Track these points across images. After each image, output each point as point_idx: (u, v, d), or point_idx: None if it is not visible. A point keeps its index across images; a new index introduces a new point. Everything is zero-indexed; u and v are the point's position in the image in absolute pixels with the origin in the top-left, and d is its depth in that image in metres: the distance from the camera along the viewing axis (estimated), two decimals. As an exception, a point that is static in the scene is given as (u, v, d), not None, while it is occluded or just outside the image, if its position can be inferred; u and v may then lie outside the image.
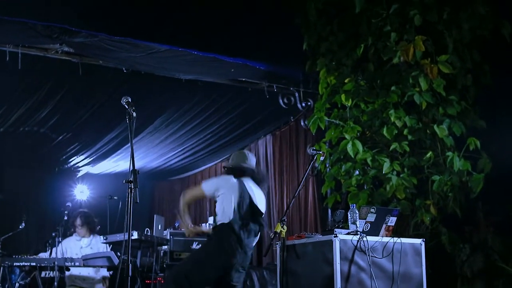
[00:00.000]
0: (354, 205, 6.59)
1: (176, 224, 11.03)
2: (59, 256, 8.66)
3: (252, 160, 7.16)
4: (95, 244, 9.49)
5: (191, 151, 12.19)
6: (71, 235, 9.53)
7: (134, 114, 5.49)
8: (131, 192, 5.31)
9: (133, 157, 5.45)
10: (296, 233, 7.28)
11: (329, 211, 9.51)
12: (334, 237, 6.19)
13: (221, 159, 13.13)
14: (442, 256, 8.12)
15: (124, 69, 8.54)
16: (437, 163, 8.10)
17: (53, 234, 8.69)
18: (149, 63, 8.57)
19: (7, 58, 7.68)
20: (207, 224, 10.11)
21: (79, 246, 9.49)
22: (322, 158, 7.91)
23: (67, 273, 8.86)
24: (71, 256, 8.95)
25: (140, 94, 9.12)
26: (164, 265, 9.71)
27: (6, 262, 8.40)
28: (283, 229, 6.12)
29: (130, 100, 5.53)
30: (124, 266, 5.36)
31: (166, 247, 9.96)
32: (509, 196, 8.01)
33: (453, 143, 7.96)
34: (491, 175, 7.89)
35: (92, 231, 9.58)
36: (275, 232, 6.20)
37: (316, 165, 8.53)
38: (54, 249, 8.70)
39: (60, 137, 11.36)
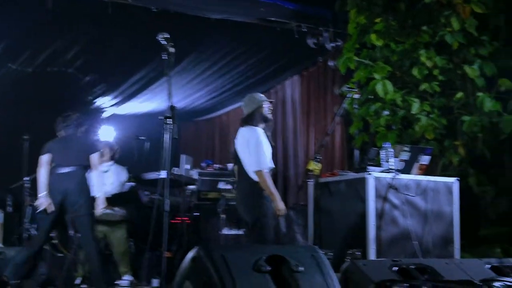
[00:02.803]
0: (389, 143, 6.61)
1: (203, 164, 11.07)
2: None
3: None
4: (115, 171, 9.35)
5: (218, 91, 12.15)
6: None
7: (172, 50, 5.52)
8: (169, 128, 5.39)
9: (170, 93, 5.51)
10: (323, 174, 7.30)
11: (355, 151, 9.55)
12: (368, 174, 6.25)
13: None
14: (468, 197, 8.13)
15: (153, 8, 8.50)
16: (467, 104, 8.08)
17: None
18: (178, 2, 8.56)
19: (37, -2, 7.71)
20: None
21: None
22: (356, 96, 7.83)
23: None
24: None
25: (169, 34, 9.07)
26: (191, 205, 9.77)
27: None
28: (317, 166, 6.15)
29: (168, 36, 5.55)
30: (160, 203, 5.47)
31: (193, 186, 10.02)
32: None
33: (484, 84, 7.91)
34: (522, 116, 7.86)
35: (112, 156, 9.43)
36: (308, 170, 6.24)
37: (344, 105, 8.52)
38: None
39: (88, 78, 11.36)
